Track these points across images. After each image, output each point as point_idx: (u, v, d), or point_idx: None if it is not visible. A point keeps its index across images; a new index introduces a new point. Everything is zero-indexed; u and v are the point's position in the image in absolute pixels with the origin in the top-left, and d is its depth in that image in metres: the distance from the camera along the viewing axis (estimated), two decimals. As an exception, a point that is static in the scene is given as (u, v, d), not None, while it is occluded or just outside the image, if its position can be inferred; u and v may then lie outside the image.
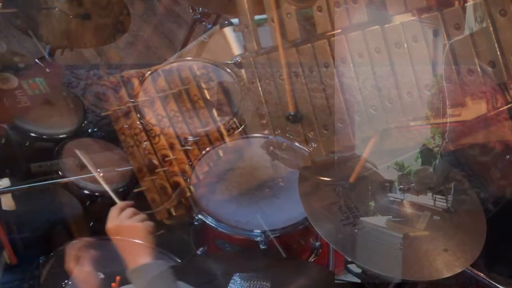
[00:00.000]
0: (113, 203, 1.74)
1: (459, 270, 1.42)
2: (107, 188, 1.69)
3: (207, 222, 1.74)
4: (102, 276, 1.66)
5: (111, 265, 1.72)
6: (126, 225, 1.45)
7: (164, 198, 2.03)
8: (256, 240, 1.68)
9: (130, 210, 1.49)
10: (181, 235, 2.02)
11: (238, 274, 1.41)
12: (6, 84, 2.33)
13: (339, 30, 1.41)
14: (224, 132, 2.05)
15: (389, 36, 1.33)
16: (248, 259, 1.69)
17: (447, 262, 1.42)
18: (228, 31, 2.31)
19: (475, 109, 1.38)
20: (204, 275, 1.51)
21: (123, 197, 2.16)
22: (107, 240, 1.81)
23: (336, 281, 1.91)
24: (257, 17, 1.57)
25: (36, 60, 2.58)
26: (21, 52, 2.88)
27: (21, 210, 1.83)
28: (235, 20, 2.30)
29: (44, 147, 2.24)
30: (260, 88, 1.62)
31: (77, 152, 1.91)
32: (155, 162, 2.02)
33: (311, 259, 1.82)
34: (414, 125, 1.45)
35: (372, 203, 1.56)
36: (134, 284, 1.40)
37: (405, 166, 1.58)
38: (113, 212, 1.51)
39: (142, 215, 1.48)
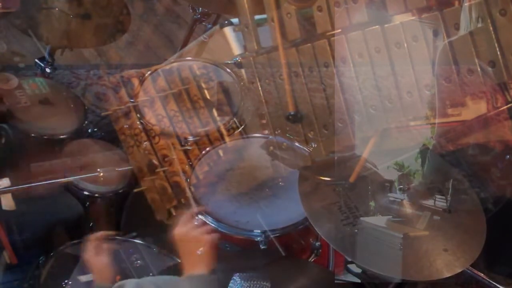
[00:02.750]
0: (113, 204, 1.75)
1: (459, 270, 1.42)
2: (188, 191, 1.65)
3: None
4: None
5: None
6: (193, 234, 1.47)
7: (164, 198, 2.03)
8: (256, 240, 1.67)
9: (200, 220, 1.52)
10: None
11: (238, 274, 1.41)
12: (6, 84, 2.33)
13: (339, 30, 1.41)
14: (224, 132, 2.05)
15: (389, 36, 1.33)
16: (248, 259, 1.69)
17: (447, 262, 1.42)
18: (228, 31, 2.31)
19: (475, 109, 1.38)
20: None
21: (123, 197, 2.17)
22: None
23: (336, 281, 1.91)
24: (257, 17, 1.57)
25: (36, 60, 2.59)
26: (21, 52, 2.89)
27: (21, 210, 1.83)
28: (235, 20, 2.30)
29: (44, 147, 2.24)
30: (260, 88, 1.62)
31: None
32: (155, 162, 2.02)
33: (311, 259, 1.82)
34: (414, 125, 1.45)
35: (372, 203, 1.56)
36: None
37: (405, 166, 1.58)
38: (183, 218, 1.54)
39: (210, 227, 1.52)
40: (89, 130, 2.50)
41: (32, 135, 2.22)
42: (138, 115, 2.04)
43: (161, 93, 2.07)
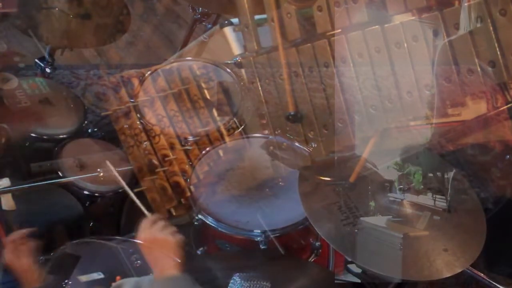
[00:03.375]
0: (113, 204, 1.74)
1: (459, 270, 1.42)
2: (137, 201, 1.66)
3: (207, 222, 1.74)
4: (102, 275, 1.67)
5: (110, 265, 1.72)
6: (158, 238, 1.44)
7: (164, 198, 2.03)
8: (256, 240, 1.68)
9: (162, 223, 1.48)
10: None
11: (238, 274, 1.41)
12: (6, 84, 2.33)
13: (339, 30, 1.41)
14: (224, 132, 2.05)
15: (389, 36, 1.33)
16: (248, 259, 1.69)
17: (447, 262, 1.42)
18: (228, 31, 2.31)
19: (475, 109, 1.38)
20: (204, 275, 1.51)
21: (123, 197, 2.16)
22: (107, 241, 1.81)
23: (336, 281, 1.91)
24: (257, 17, 1.57)
25: (36, 60, 2.59)
26: (21, 52, 2.88)
27: (21, 210, 1.83)
28: (235, 20, 2.30)
29: (44, 147, 2.24)
30: (260, 88, 1.62)
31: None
32: (155, 162, 2.02)
33: (311, 259, 1.82)
34: (414, 125, 1.45)
35: (372, 203, 1.56)
36: None
37: (405, 166, 1.58)
38: (145, 224, 1.50)
39: (172, 229, 1.47)
40: (89, 130, 2.50)
41: (32, 135, 2.22)
42: (138, 115, 2.04)
43: (161, 93, 2.07)
